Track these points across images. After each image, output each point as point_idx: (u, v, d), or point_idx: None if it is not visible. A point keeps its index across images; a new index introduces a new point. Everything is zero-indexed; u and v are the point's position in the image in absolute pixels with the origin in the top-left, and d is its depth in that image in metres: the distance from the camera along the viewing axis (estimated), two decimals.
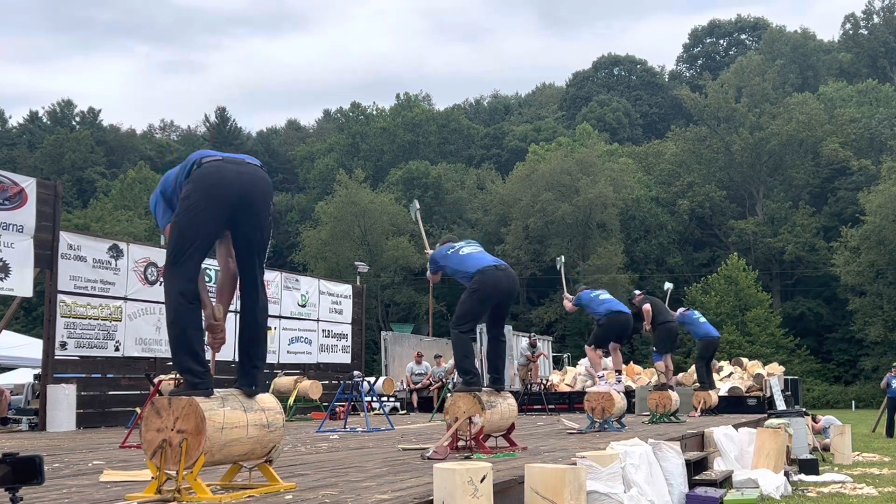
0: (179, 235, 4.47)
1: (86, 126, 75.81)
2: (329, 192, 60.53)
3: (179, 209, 4.52)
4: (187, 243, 4.46)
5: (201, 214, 4.47)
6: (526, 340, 21.58)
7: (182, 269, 4.45)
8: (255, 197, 4.61)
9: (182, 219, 4.49)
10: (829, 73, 68.56)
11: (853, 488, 9.15)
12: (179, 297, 4.42)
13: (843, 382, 48.40)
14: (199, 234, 4.48)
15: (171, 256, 4.50)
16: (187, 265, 4.46)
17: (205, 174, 4.53)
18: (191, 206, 4.48)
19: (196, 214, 4.47)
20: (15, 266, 13.06)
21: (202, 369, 4.41)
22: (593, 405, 10.31)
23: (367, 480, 5.16)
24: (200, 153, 4.72)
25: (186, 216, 4.48)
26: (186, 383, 4.39)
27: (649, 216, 56.98)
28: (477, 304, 7.43)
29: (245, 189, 4.56)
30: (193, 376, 4.38)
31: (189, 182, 4.54)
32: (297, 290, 20.15)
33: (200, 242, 4.50)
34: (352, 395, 12.38)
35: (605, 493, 5.55)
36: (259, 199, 4.63)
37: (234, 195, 4.52)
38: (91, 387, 14.52)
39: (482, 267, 7.48)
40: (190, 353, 4.41)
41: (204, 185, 4.49)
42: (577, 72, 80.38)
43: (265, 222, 4.71)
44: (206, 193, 4.48)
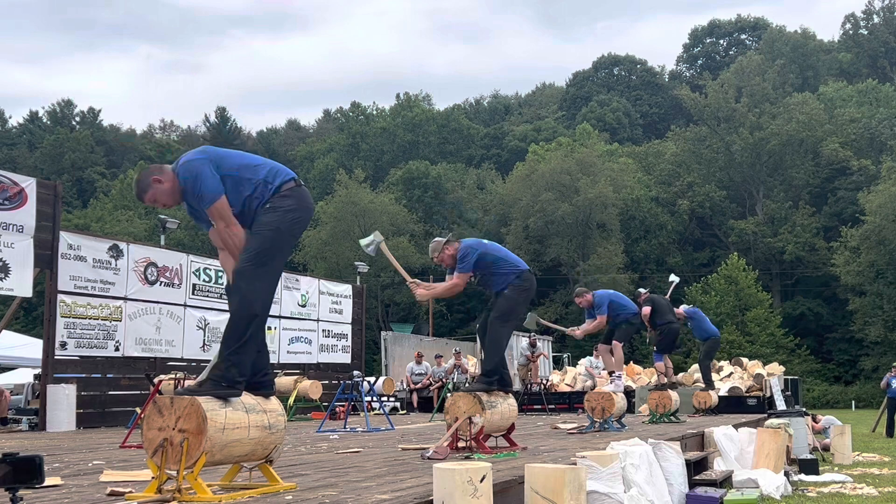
0: (276, 242, 4.64)
1: (86, 126, 75.83)
2: (329, 192, 60.53)
3: (281, 216, 4.64)
4: (279, 254, 4.67)
5: (297, 233, 4.81)
6: (526, 340, 21.58)
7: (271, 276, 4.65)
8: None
9: (285, 228, 4.67)
10: (829, 73, 68.56)
11: (853, 488, 9.14)
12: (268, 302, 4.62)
13: (843, 382, 48.40)
14: (286, 252, 4.79)
15: (263, 257, 4.58)
16: (274, 276, 4.68)
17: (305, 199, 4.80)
18: (295, 221, 4.71)
19: (294, 233, 4.77)
20: (15, 266, 13.06)
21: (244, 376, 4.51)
22: (593, 405, 10.31)
23: (367, 480, 5.16)
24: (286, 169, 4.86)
25: (290, 229, 4.71)
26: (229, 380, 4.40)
27: (649, 216, 56.98)
28: (522, 304, 7.40)
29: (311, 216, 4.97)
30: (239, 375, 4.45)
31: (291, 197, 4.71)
32: (297, 290, 20.15)
33: (283, 259, 4.76)
34: (352, 395, 12.38)
35: (605, 493, 5.55)
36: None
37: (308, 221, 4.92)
38: (91, 387, 14.52)
39: (528, 269, 7.52)
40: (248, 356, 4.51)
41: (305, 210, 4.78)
42: (577, 72, 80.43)
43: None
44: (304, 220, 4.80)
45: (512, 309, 7.28)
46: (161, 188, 4.64)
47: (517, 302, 7.31)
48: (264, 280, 4.57)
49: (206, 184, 4.54)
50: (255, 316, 4.51)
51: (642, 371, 20.58)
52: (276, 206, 4.66)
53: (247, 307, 4.49)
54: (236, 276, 4.57)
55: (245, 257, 4.58)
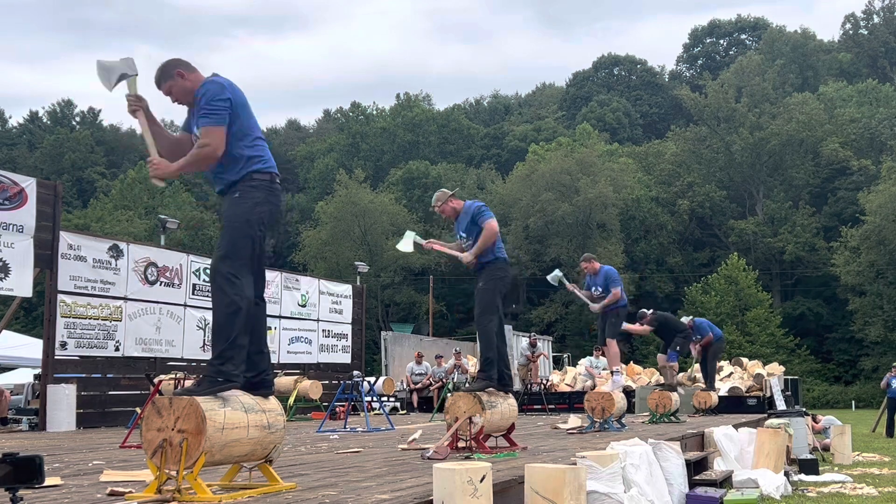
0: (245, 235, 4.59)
1: (86, 126, 75.82)
2: (329, 192, 60.52)
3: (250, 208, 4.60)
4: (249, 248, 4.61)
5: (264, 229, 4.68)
6: (526, 340, 21.59)
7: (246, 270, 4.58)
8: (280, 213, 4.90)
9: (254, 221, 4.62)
10: (829, 73, 68.56)
11: (853, 488, 9.14)
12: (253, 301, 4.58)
13: (843, 382, 48.41)
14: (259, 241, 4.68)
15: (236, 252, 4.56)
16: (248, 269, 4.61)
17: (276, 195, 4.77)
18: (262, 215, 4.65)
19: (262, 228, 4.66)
20: (15, 266, 13.06)
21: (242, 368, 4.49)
22: (593, 405, 10.31)
23: (367, 480, 5.16)
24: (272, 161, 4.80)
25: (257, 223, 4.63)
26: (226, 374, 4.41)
27: (649, 216, 56.98)
28: (498, 293, 7.46)
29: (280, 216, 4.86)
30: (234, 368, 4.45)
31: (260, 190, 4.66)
32: (297, 290, 20.15)
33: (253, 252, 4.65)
34: (352, 395, 12.38)
35: (605, 493, 5.55)
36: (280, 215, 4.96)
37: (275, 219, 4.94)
38: (91, 387, 14.52)
39: (506, 257, 7.65)
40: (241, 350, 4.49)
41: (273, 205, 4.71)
42: (577, 72, 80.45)
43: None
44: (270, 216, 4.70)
45: (491, 301, 7.41)
46: (180, 84, 4.69)
47: (494, 292, 7.43)
48: (241, 273, 4.54)
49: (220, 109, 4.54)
50: (239, 310, 4.49)
51: (642, 371, 20.59)
52: (245, 196, 4.63)
53: (230, 304, 4.48)
54: (212, 274, 4.58)
55: (221, 254, 4.58)
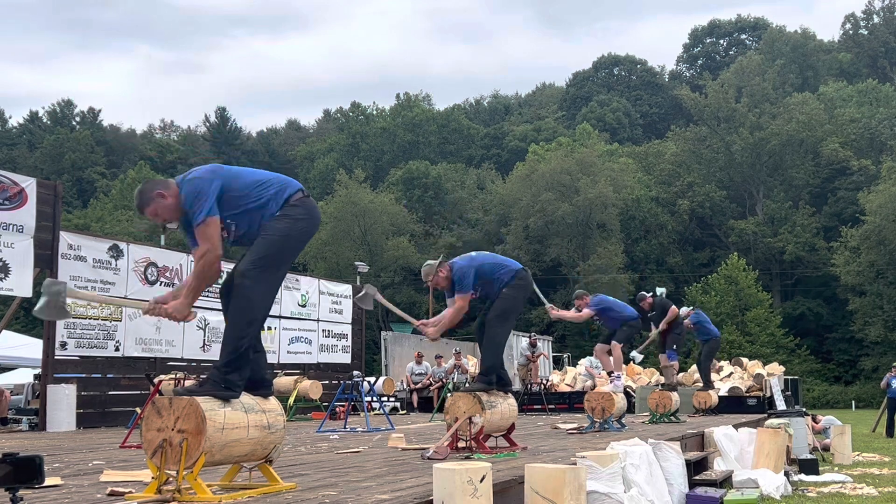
0: (283, 249, 4.65)
1: (86, 126, 75.82)
2: (329, 192, 60.51)
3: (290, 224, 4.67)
4: (285, 262, 4.70)
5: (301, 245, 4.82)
6: (526, 340, 21.57)
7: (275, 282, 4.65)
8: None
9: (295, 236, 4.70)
10: (829, 73, 68.56)
11: (853, 488, 9.15)
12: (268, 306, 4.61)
13: (843, 382, 48.39)
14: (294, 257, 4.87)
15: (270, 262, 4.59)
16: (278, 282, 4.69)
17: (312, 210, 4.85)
18: (303, 231, 4.74)
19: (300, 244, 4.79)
20: (15, 266, 13.06)
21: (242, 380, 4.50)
22: (593, 405, 10.31)
23: (367, 480, 5.16)
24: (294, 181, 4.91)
25: (297, 239, 4.74)
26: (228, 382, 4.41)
27: (649, 216, 56.97)
28: (520, 301, 7.42)
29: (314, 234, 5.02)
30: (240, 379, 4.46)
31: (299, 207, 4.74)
32: (297, 290, 20.14)
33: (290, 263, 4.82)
34: (352, 395, 12.38)
35: (605, 493, 5.55)
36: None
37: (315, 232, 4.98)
38: (91, 387, 14.52)
39: (523, 267, 7.56)
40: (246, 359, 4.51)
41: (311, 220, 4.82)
42: (577, 72, 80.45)
43: None
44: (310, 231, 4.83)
45: (511, 307, 7.31)
46: (164, 203, 4.51)
47: (516, 300, 7.34)
48: (267, 284, 4.55)
49: (203, 202, 4.43)
50: (255, 320, 4.49)
51: (642, 371, 20.59)
52: (287, 214, 4.68)
53: (248, 310, 4.46)
54: (239, 277, 4.51)
55: (251, 259, 4.54)
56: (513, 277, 7.37)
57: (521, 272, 7.45)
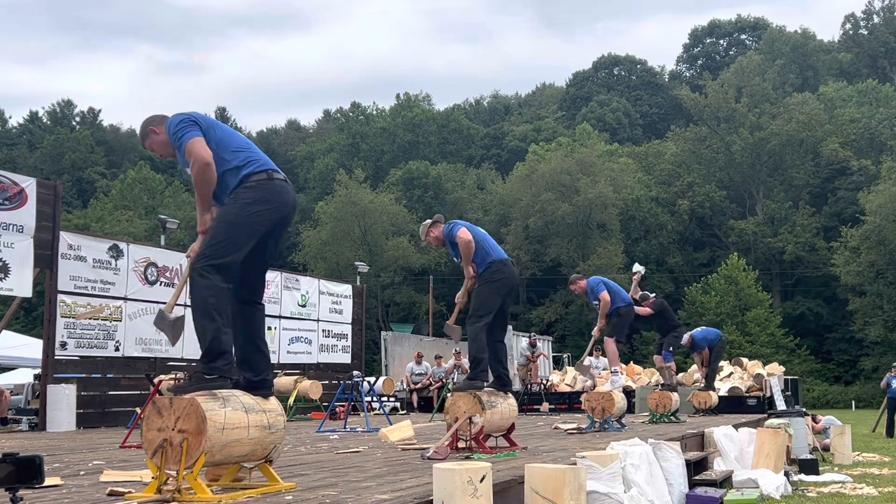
0: (232, 237, 4.52)
1: (86, 126, 75.82)
2: (329, 192, 60.52)
3: (238, 210, 4.56)
4: (235, 247, 4.53)
5: (259, 228, 4.61)
6: (526, 340, 21.59)
7: (225, 269, 4.51)
8: (290, 220, 4.86)
9: (242, 222, 4.55)
10: (829, 73, 68.56)
11: (853, 488, 9.14)
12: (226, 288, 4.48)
13: (843, 382, 48.39)
14: (247, 245, 4.59)
15: (218, 251, 4.49)
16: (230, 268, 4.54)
17: (276, 192, 4.68)
18: (253, 214, 4.57)
19: (256, 227, 4.59)
20: (15, 266, 13.06)
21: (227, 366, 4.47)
22: (593, 405, 10.31)
23: (367, 480, 5.16)
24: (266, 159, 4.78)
25: (249, 223, 4.56)
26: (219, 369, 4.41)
27: (649, 216, 56.98)
28: (494, 295, 7.31)
29: (288, 212, 4.78)
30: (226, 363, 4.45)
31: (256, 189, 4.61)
32: (297, 290, 20.15)
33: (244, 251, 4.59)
34: (352, 395, 12.38)
35: (605, 493, 5.55)
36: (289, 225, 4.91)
37: (283, 217, 4.74)
38: (91, 387, 14.52)
39: (504, 258, 7.49)
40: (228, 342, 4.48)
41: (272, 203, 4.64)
42: (577, 72, 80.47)
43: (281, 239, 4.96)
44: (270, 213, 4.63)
45: (482, 304, 7.30)
46: (156, 139, 4.78)
47: (487, 296, 7.30)
48: (219, 274, 4.46)
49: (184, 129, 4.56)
50: (212, 310, 4.43)
51: (642, 371, 20.59)
52: (238, 198, 4.59)
53: (201, 304, 4.44)
54: (193, 271, 4.51)
55: (200, 251, 4.54)
56: (486, 269, 7.35)
57: (497, 265, 7.36)
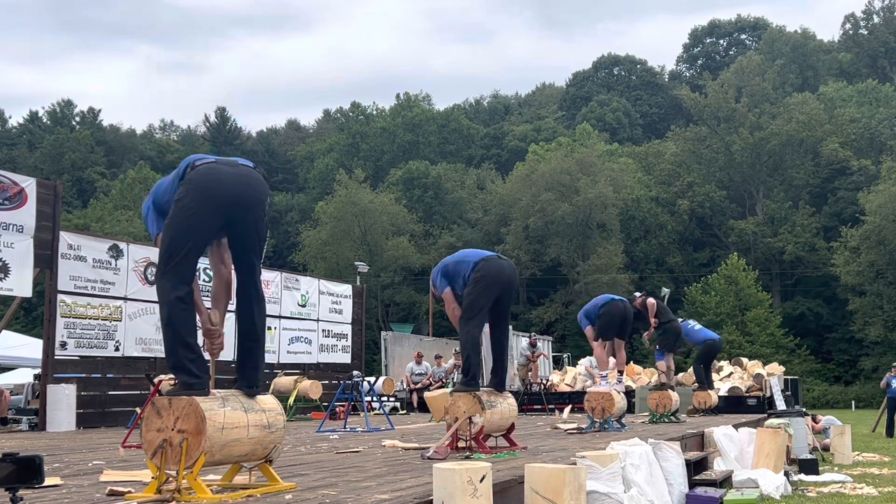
0: (174, 238, 4.44)
1: (86, 126, 75.82)
2: (329, 192, 60.52)
3: (173, 211, 4.48)
4: (182, 246, 4.43)
5: (196, 216, 4.43)
6: (526, 340, 21.58)
7: (177, 271, 4.42)
8: (251, 198, 4.58)
9: (176, 220, 4.45)
10: (829, 73, 68.55)
11: (853, 488, 9.14)
12: (175, 301, 4.38)
13: (843, 382, 48.39)
14: (194, 237, 4.45)
15: (165, 258, 4.46)
16: (182, 267, 4.44)
17: (199, 176, 4.49)
18: (185, 206, 4.44)
19: (191, 216, 4.43)
20: (15, 266, 13.06)
21: (198, 370, 4.39)
22: (593, 405, 10.31)
23: (366, 480, 5.16)
24: (194, 157, 4.67)
25: (181, 217, 4.44)
26: (182, 384, 4.37)
27: (649, 216, 56.98)
28: (482, 293, 7.23)
29: (240, 190, 4.53)
30: (189, 376, 4.36)
31: (183, 184, 4.50)
32: (297, 290, 20.14)
33: (194, 244, 4.46)
34: (352, 395, 12.38)
35: (605, 493, 5.55)
36: (254, 199, 4.60)
37: (229, 196, 4.49)
38: (91, 387, 14.52)
39: (486, 255, 7.46)
40: (186, 354, 4.38)
41: (198, 187, 4.46)
42: (577, 72, 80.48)
43: (261, 223, 4.68)
44: (200, 195, 4.44)
45: (472, 304, 7.26)
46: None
47: (476, 294, 7.26)
48: (165, 279, 4.44)
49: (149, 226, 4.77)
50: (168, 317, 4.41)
51: (642, 371, 20.58)
52: (174, 199, 4.55)
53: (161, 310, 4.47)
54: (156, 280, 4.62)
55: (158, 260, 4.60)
56: (471, 270, 7.33)
57: (480, 263, 7.34)
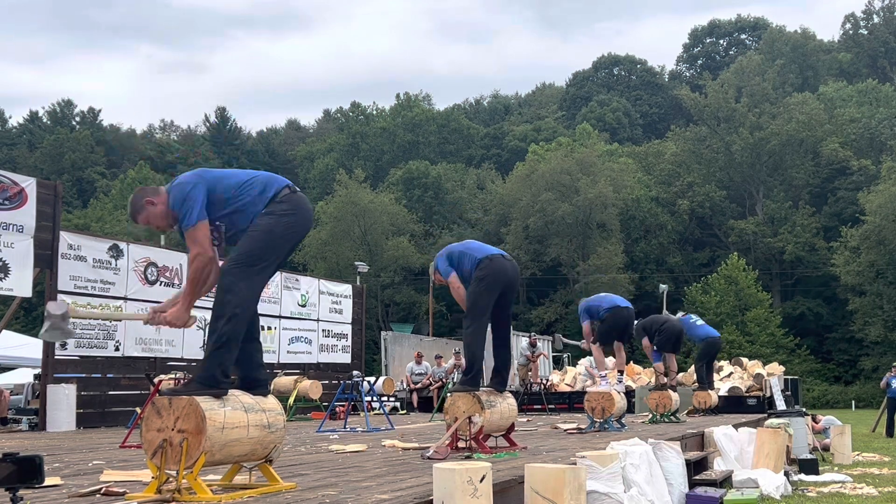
0: (269, 246, 4.58)
1: (86, 126, 75.83)
2: (329, 192, 60.53)
3: (275, 220, 4.61)
4: (273, 255, 4.61)
5: (294, 237, 4.72)
6: (526, 340, 21.57)
7: (260, 278, 4.57)
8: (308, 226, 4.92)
9: (280, 233, 4.62)
10: (829, 73, 68.56)
11: (853, 488, 9.14)
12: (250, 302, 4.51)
13: (843, 382, 48.41)
14: (283, 254, 4.70)
15: (255, 260, 4.54)
16: (264, 274, 4.59)
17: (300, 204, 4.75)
18: (289, 225, 4.66)
19: (289, 239, 4.68)
20: (15, 266, 13.05)
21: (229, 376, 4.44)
22: (593, 405, 10.31)
23: (367, 480, 5.16)
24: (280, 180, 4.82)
25: (284, 234, 4.64)
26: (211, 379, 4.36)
27: (649, 216, 56.98)
28: (484, 292, 7.23)
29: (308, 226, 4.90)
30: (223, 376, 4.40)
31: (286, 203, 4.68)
32: (297, 290, 20.14)
33: (279, 260, 4.69)
34: (352, 395, 12.38)
35: (605, 493, 5.55)
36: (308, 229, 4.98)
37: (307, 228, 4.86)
38: (91, 387, 14.51)
39: (490, 254, 7.44)
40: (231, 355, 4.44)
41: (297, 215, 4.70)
42: (577, 72, 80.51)
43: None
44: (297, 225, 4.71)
45: (474, 303, 7.26)
46: (153, 211, 4.61)
47: (478, 294, 7.26)
48: (249, 280, 4.48)
49: (191, 206, 4.49)
50: (235, 316, 4.41)
51: (642, 371, 20.58)
52: (271, 212, 4.64)
53: (225, 306, 4.42)
54: (222, 274, 4.53)
55: (234, 256, 4.56)
56: (475, 268, 7.34)
57: (484, 261, 7.32)
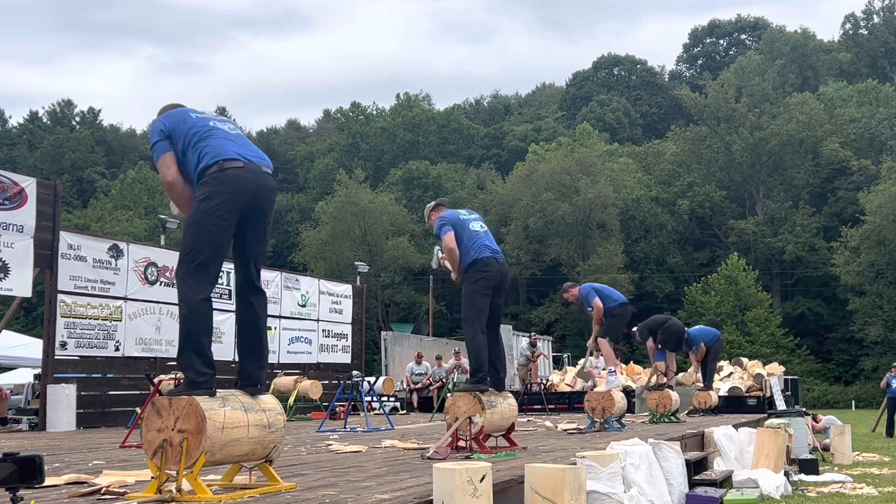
0: (198, 237, 4.52)
1: (86, 126, 75.83)
2: (329, 192, 60.52)
3: (199, 210, 4.54)
4: (207, 247, 4.52)
5: (222, 222, 4.54)
6: (526, 340, 21.59)
7: (201, 271, 4.51)
8: (266, 207, 4.77)
9: (201, 220, 4.53)
10: (829, 73, 68.57)
11: (853, 488, 9.14)
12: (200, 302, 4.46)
13: (843, 382, 48.40)
14: (218, 241, 4.55)
15: (189, 256, 4.52)
16: (207, 268, 4.53)
17: (229, 181, 4.59)
18: (212, 210, 4.52)
19: (218, 221, 4.53)
20: (15, 266, 13.05)
21: (207, 371, 4.42)
22: (593, 405, 10.31)
23: (367, 480, 5.16)
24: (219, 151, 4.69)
25: (208, 220, 4.52)
26: (189, 382, 4.38)
27: (649, 216, 56.98)
28: (482, 295, 7.25)
29: (260, 201, 4.70)
30: (197, 375, 4.39)
31: (208, 184, 4.57)
32: (297, 290, 20.15)
33: (216, 249, 4.56)
34: (352, 395, 12.38)
35: (605, 493, 5.55)
36: (268, 208, 4.80)
37: (249, 205, 4.64)
38: (91, 387, 14.52)
39: (485, 257, 7.39)
40: (198, 352, 4.42)
41: (227, 193, 4.56)
42: (577, 72, 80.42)
43: (268, 228, 4.86)
44: (228, 203, 4.55)
45: (471, 305, 7.28)
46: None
47: (474, 295, 7.27)
48: (192, 278, 4.48)
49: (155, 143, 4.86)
50: (184, 317, 4.45)
51: (642, 371, 20.58)
52: (196, 197, 4.62)
53: (181, 307, 4.49)
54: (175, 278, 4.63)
55: (178, 259, 4.61)
56: (470, 267, 7.33)
57: (481, 263, 7.31)
